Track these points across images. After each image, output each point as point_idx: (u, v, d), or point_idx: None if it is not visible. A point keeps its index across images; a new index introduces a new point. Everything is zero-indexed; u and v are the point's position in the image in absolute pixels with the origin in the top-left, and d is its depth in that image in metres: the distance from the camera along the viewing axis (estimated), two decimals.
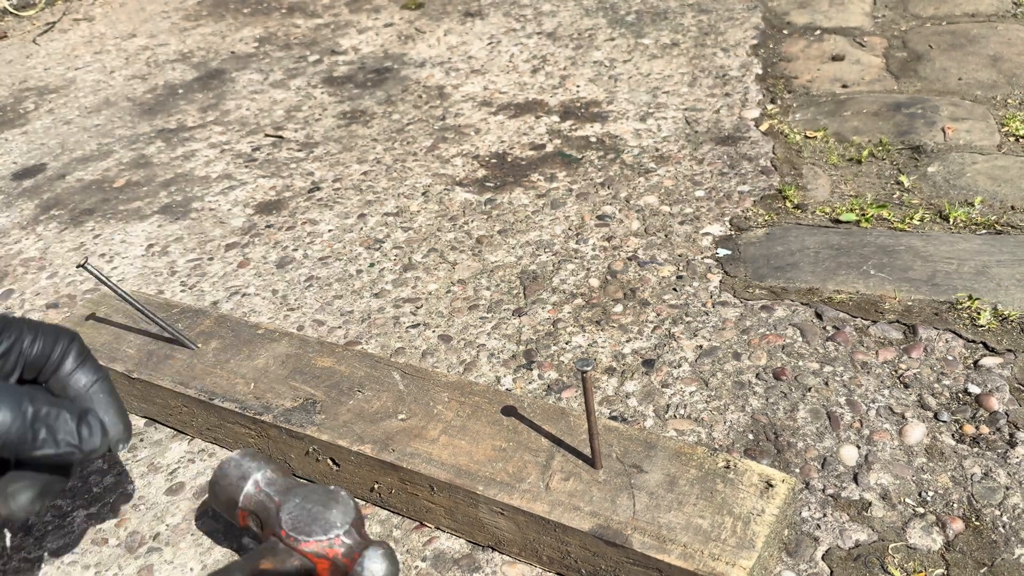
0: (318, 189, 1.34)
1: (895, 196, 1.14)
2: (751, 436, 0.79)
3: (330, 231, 1.22)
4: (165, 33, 2.15)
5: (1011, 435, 0.76)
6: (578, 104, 1.52)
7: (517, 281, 1.06)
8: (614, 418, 0.83)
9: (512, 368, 0.91)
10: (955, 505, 0.70)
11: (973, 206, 1.09)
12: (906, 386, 0.83)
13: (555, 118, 1.47)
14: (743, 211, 1.15)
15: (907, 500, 0.71)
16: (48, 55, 2.07)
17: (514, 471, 0.69)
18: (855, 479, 0.73)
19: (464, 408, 0.76)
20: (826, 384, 0.84)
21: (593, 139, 1.39)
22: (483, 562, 0.70)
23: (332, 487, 0.66)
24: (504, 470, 0.69)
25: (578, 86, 1.59)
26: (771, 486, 0.65)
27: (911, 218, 1.08)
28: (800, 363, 0.87)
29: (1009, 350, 0.85)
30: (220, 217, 1.29)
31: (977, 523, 0.69)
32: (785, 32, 1.71)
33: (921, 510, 0.70)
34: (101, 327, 0.93)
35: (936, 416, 0.79)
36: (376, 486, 0.74)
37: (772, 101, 1.44)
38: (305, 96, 1.70)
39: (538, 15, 1.97)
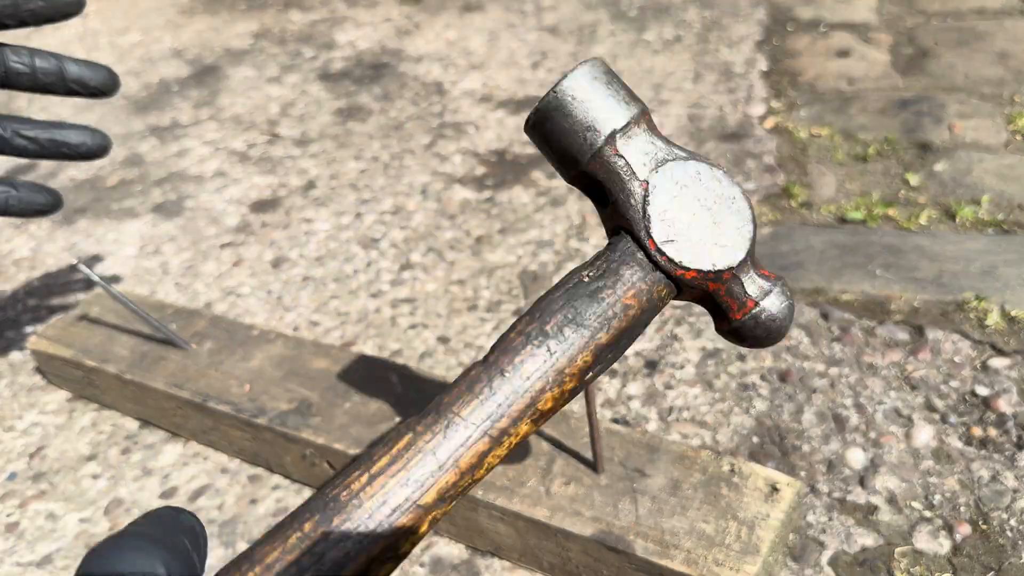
0: (314, 187, 1.32)
1: (901, 194, 1.13)
2: (756, 439, 0.78)
3: (326, 230, 1.20)
4: (159, 29, 2.14)
5: (1019, 437, 0.74)
6: None
7: (517, 281, 1.04)
8: (616, 421, 0.81)
9: None
10: (962, 509, 0.69)
11: (980, 205, 1.08)
12: (913, 388, 0.81)
13: None
14: None
15: (914, 504, 0.70)
16: None
17: (514, 475, 0.67)
18: (861, 482, 0.72)
19: None
20: (832, 386, 0.82)
21: None
22: (483, 568, 0.69)
23: (723, 170, 0.44)
24: (504, 474, 0.68)
25: None
26: (776, 490, 0.63)
27: (918, 217, 1.07)
28: (806, 365, 0.85)
29: (1017, 351, 0.84)
30: (214, 216, 1.28)
31: (985, 527, 0.67)
32: (790, 28, 1.69)
33: (928, 514, 0.69)
34: (94, 328, 0.91)
35: (943, 418, 0.77)
36: None
37: (777, 98, 1.43)
38: (301, 92, 1.68)
39: (538, 9, 1.95)
